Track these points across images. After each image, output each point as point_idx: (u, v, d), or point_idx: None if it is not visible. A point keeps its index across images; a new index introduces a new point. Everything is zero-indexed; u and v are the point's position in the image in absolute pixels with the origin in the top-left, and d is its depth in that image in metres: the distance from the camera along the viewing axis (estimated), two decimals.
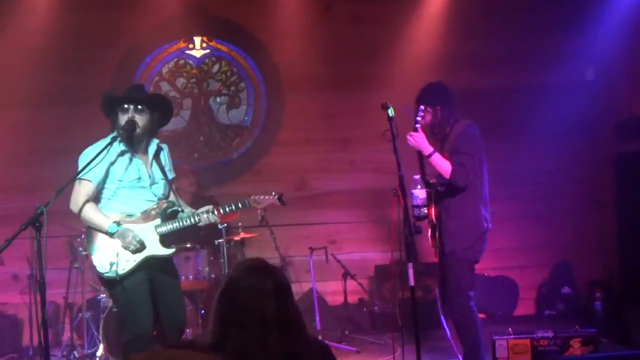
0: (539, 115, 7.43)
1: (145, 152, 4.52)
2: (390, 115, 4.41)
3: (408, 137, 4.74)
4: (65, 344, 6.32)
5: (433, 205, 4.83)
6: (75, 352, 5.90)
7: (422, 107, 4.85)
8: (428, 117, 4.93)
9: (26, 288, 6.33)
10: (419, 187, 4.51)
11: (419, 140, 4.77)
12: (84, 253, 5.52)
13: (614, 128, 7.24)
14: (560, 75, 7.49)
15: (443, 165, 4.78)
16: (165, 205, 4.49)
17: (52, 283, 6.27)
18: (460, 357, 5.01)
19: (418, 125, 4.79)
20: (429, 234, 4.91)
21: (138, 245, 4.31)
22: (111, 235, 4.29)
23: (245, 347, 2.20)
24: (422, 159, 4.88)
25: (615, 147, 7.23)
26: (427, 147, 4.80)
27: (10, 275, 6.99)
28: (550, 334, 4.50)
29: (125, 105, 4.36)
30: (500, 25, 7.49)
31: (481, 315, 7.30)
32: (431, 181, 4.89)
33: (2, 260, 6.64)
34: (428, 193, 4.80)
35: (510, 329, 4.63)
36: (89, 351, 6.13)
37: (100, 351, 5.71)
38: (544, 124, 7.44)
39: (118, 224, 4.31)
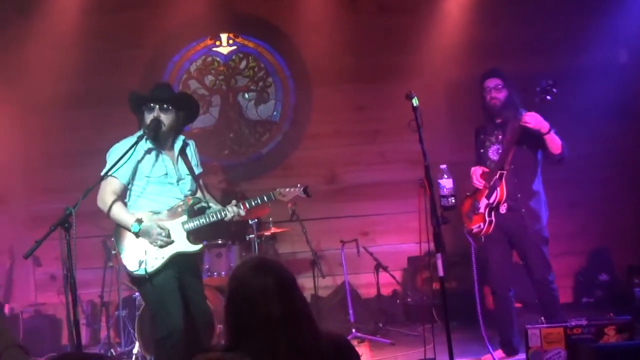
0: (572, 100, 7.26)
1: (172, 148, 4.56)
2: (415, 105, 4.38)
3: (525, 117, 4.86)
4: (103, 342, 6.42)
5: (503, 187, 4.96)
6: (112, 350, 5.98)
7: (496, 80, 5.09)
8: (504, 93, 5.10)
9: (62, 288, 6.45)
10: (446, 176, 4.46)
11: (537, 118, 4.89)
12: (113, 252, 5.59)
13: None
14: (592, 59, 7.35)
15: (558, 141, 4.98)
16: (191, 201, 4.53)
17: (89, 282, 6.42)
18: (491, 351, 4.99)
19: (550, 97, 4.92)
20: (486, 219, 4.98)
21: (165, 239, 4.35)
22: (136, 234, 4.34)
23: (257, 349, 2.19)
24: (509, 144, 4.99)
25: None
26: (544, 124, 4.94)
27: (48, 276, 7.14)
28: (584, 322, 4.42)
29: (151, 104, 4.41)
30: (528, 10, 7.38)
31: (517, 305, 7.28)
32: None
33: (39, 261, 6.79)
34: (495, 173, 4.97)
35: (542, 318, 4.56)
36: (126, 349, 6.23)
37: (136, 348, 5.78)
38: (576, 109, 7.28)
39: (140, 222, 4.34)
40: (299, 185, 4.79)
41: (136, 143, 4.33)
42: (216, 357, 2.18)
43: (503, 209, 5.01)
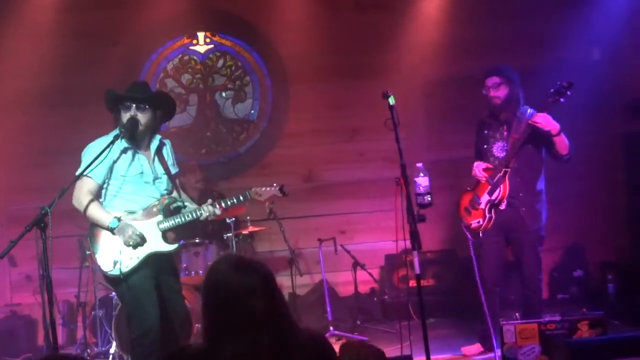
0: (545, 97, 7.37)
1: (148, 148, 4.56)
2: (391, 103, 4.41)
3: (536, 117, 4.90)
4: (79, 342, 6.39)
5: (506, 184, 5.00)
6: (89, 350, 5.95)
7: (497, 79, 5.11)
8: (504, 91, 5.11)
9: (38, 288, 6.41)
10: (422, 174, 4.50)
11: (545, 119, 4.93)
12: (87, 252, 5.56)
13: (621, 107, 7.18)
14: (566, 56, 7.40)
15: (566, 142, 5.02)
16: (166, 201, 4.52)
17: (65, 282, 6.38)
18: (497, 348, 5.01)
19: (563, 100, 4.98)
20: (486, 214, 5.02)
21: (139, 240, 4.34)
22: (112, 230, 4.32)
23: (238, 349, 2.19)
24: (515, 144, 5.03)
25: (623, 127, 7.16)
26: (554, 125, 4.98)
27: (24, 276, 7.08)
28: (557, 318, 4.49)
29: (127, 103, 4.40)
30: (504, 9, 7.42)
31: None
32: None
33: (15, 261, 6.74)
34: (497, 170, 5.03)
35: (517, 314, 4.62)
36: (103, 349, 6.20)
37: (113, 348, 5.76)
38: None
39: (119, 219, 4.34)
40: (275, 184, 4.80)
41: (112, 142, 4.32)
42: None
43: (503, 206, 5.04)
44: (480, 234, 5.11)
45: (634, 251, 7.02)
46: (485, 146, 5.28)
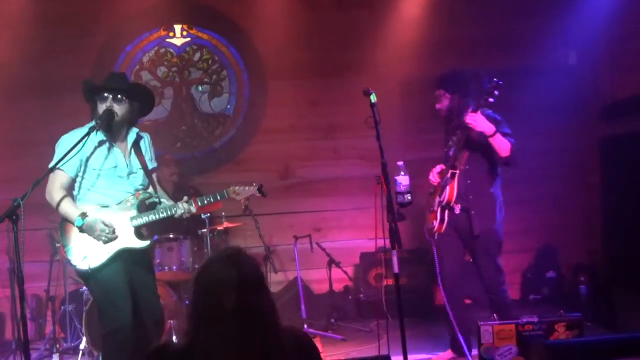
0: (523, 100, 7.40)
1: (124, 141, 4.45)
2: (373, 101, 4.37)
3: (467, 119, 4.83)
4: (48, 337, 6.27)
5: (453, 186, 4.96)
6: (58, 345, 5.83)
7: (440, 91, 5.05)
8: (445, 102, 5.08)
9: (7, 281, 6.26)
10: (402, 173, 4.47)
11: (477, 121, 4.84)
12: (57, 245, 5.44)
13: (597, 112, 7.24)
14: (543, 59, 7.48)
15: (503, 143, 4.90)
16: (141, 196, 4.42)
17: (34, 276, 6.24)
18: (466, 351, 4.99)
19: (492, 100, 4.87)
20: (438, 217, 4.98)
21: (110, 235, 4.24)
22: (79, 228, 4.22)
23: (211, 342, 2.17)
24: (460, 143, 4.99)
25: (599, 131, 7.22)
26: (488, 127, 4.89)
27: None
28: (535, 319, 4.51)
29: (104, 94, 4.30)
30: (484, 9, 7.46)
31: (467, 301, 7.38)
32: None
33: None
34: (447, 172, 4.97)
35: (495, 315, 4.62)
36: (72, 344, 6.09)
37: (83, 344, 5.65)
38: (527, 109, 7.42)
39: (84, 216, 4.21)
40: (254, 183, 4.70)
41: (87, 134, 4.21)
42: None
43: (457, 209, 5.02)
44: (436, 236, 5.08)
45: (607, 254, 7.09)
46: (445, 149, 5.27)
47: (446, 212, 5.02)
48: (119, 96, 4.31)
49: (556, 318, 4.52)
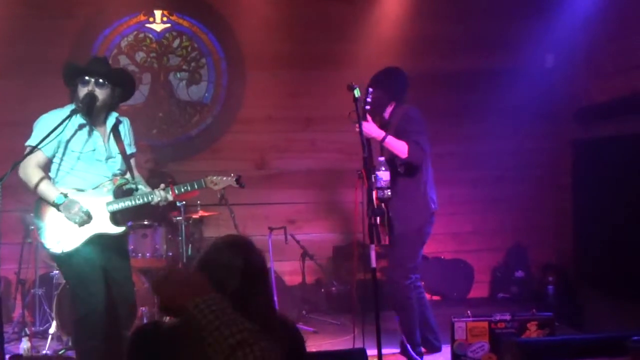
0: (499, 100, 7.50)
1: (103, 125, 4.42)
2: (356, 96, 4.38)
3: (357, 128, 4.58)
4: (16, 320, 6.20)
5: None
6: (26, 329, 5.77)
7: (370, 89, 4.89)
8: (370, 97, 4.93)
9: None
10: (383, 169, 4.49)
11: (367, 128, 4.69)
12: (31, 227, 5.37)
13: (572, 115, 7.34)
14: (521, 61, 7.56)
15: (398, 145, 4.81)
16: (118, 182, 4.39)
17: (4, 258, 6.09)
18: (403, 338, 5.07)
19: (368, 107, 4.76)
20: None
21: (85, 217, 4.20)
22: (57, 206, 4.18)
23: (207, 324, 2.16)
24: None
25: (573, 134, 7.32)
26: (378, 132, 4.82)
27: None
28: (507, 317, 4.57)
29: (86, 78, 4.25)
30: (465, 10, 7.52)
31: (436, 297, 7.47)
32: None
33: None
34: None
35: (469, 312, 4.68)
36: (41, 328, 6.03)
37: (53, 328, 5.60)
38: (503, 109, 7.53)
39: (65, 195, 4.19)
40: (232, 174, 4.67)
41: (69, 117, 4.17)
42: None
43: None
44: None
45: (577, 254, 7.20)
46: None
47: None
48: (101, 80, 4.27)
49: (528, 316, 4.59)
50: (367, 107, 4.71)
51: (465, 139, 7.58)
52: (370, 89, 4.85)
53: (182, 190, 4.50)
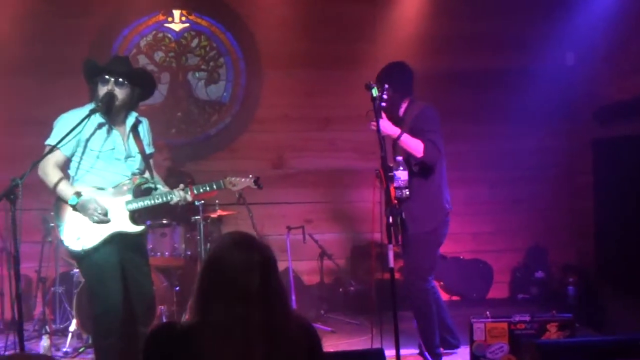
0: (519, 99, 7.45)
1: (123, 124, 4.43)
2: (374, 95, 4.36)
3: (371, 126, 4.57)
4: (37, 318, 6.25)
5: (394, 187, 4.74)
6: (47, 327, 5.81)
7: (386, 85, 4.78)
8: (385, 96, 4.83)
9: None
10: (401, 168, 4.47)
11: (383, 125, 4.56)
12: (51, 225, 5.41)
13: (592, 113, 7.27)
14: (541, 60, 7.51)
15: (414, 144, 4.74)
16: (138, 181, 4.41)
17: (25, 257, 6.05)
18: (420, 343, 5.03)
19: (384, 104, 4.64)
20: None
21: (102, 216, 4.23)
22: (73, 207, 4.21)
23: (228, 321, 2.18)
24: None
25: (593, 133, 7.25)
26: (394, 130, 4.76)
27: None
28: (527, 318, 4.53)
29: (106, 77, 4.27)
30: (484, 8, 7.46)
31: (455, 298, 7.43)
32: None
33: None
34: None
35: (488, 312, 4.64)
36: (61, 326, 6.07)
37: (73, 326, 5.64)
38: (523, 108, 7.48)
39: (78, 195, 4.21)
40: (250, 175, 4.69)
41: (88, 116, 4.19)
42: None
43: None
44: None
45: (597, 255, 7.13)
46: None
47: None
48: (121, 80, 4.28)
49: (548, 318, 4.55)
50: (383, 104, 4.61)
51: (484, 138, 7.54)
52: (387, 86, 4.76)
53: (201, 190, 4.52)
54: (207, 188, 4.55)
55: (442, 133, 4.93)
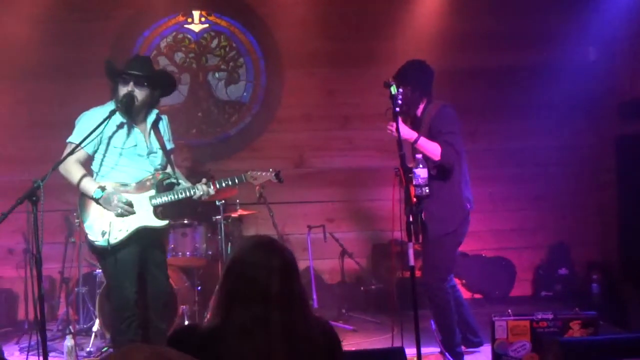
0: (541, 96, 7.40)
1: (144, 121, 4.50)
2: (393, 93, 4.34)
3: (388, 128, 4.56)
4: (60, 318, 6.31)
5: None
6: (70, 327, 5.87)
7: (400, 89, 4.56)
8: (399, 96, 4.76)
9: (22, 262, 6.33)
10: (421, 166, 4.45)
11: (400, 128, 4.44)
12: (76, 221, 5.46)
13: (615, 109, 7.18)
14: (563, 55, 7.42)
15: (431, 147, 4.71)
16: (160, 176, 4.47)
17: (48, 258, 6.16)
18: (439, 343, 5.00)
19: (397, 109, 4.46)
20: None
21: (126, 207, 4.28)
22: (97, 200, 4.26)
23: (248, 323, 2.19)
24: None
25: (616, 129, 7.18)
26: (410, 134, 4.72)
27: (5, 249, 6.95)
28: (550, 316, 4.49)
29: (126, 77, 4.31)
30: (504, 4, 7.40)
31: (477, 296, 7.38)
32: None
33: None
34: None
35: (510, 310, 4.60)
36: (85, 326, 6.13)
37: (96, 326, 5.68)
38: (545, 105, 7.42)
39: (103, 189, 4.27)
40: (271, 169, 4.74)
41: (109, 117, 4.23)
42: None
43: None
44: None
45: (621, 252, 7.05)
46: None
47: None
48: (141, 81, 4.32)
49: (571, 315, 4.50)
50: (397, 109, 4.43)
51: (506, 135, 7.48)
52: (400, 89, 4.56)
53: (224, 184, 4.59)
54: (230, 182, 4.62)
55: (462, 131, 4.90)
